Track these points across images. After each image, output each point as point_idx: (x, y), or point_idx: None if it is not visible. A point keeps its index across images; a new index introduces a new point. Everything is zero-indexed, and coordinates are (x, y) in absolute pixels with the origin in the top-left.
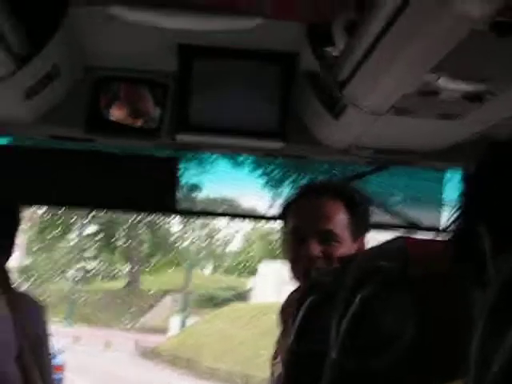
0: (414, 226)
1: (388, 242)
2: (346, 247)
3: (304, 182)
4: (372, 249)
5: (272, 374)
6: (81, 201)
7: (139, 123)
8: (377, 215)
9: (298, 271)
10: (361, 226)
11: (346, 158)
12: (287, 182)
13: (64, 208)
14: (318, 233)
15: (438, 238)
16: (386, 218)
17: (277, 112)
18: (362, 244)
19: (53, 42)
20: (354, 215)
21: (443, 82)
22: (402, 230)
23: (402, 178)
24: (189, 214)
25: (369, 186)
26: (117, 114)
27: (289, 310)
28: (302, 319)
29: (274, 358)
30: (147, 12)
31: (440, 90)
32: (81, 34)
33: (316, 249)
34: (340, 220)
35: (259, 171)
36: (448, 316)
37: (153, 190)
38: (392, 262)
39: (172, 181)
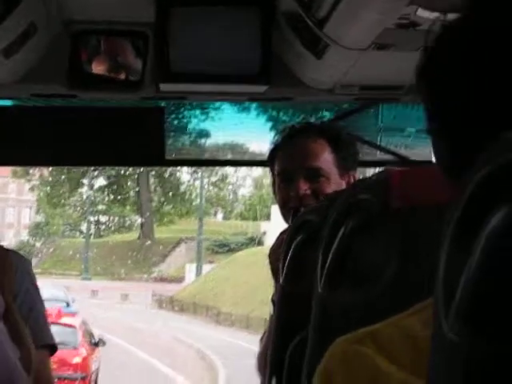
0: (407, 161)
1: (372, 176)
2: (334, 184)
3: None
4: (355, 183)
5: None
6: (68, 158)
7: (122, 76)
8: (368, 153)
9: (288, 212)
10: (348, 163)
11: (331, 98)
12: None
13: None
14: (305, 170)
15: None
16: (377, 156)
17: (258, 55)
18: (352, 181)
19: (26, 0)
20: (339, 152)
21: (422, 13)
22: (394, 166)
23: (416, 111)
24: (179, 163)
25: (380, 119)
26: (99, 67)
27: (278, 251)
28: (291, 259)
29: (273, 300)
30: None
31: (420, 22)
32: None
33: (304, 186)
34: (326, 157)
35: (265, 116)
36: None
37: (140, 141)
38: (374, 195)
39: (159, 131)
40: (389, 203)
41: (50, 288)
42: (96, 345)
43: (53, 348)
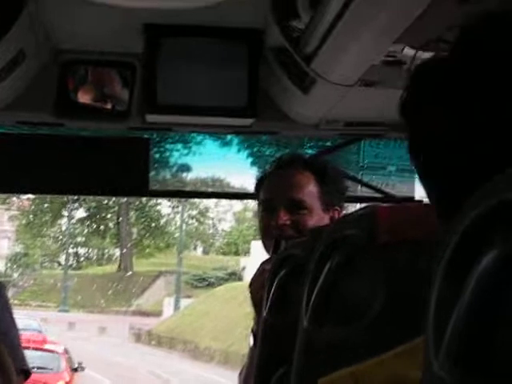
0: (391, 198)
1: (358, 211)
2: (317, 217)
3: None
4: (341, 218)
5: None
6: (53, 187)
7: (108, 106)
8: (353, 189)
9: (268, 242)
10: (333, 197)
11: (317, 133)
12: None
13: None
14: (287, 201)
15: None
16: (362, 192)
17: (245, 89)
18: (338, 215)
19: (17, 27)
20: (324, 186)
21: (408, 52)
22: (379, 202)
23: (397, 150)
24: (162, 195)
25: (362, 156)
26: (85, 97)
27: (258, 282)
28: (275, 292)
29: (253, 331)
30: None
31: (406, 60)
32: (46, 17)
33: (285, 216)
34: (310, 190)
35: (247, 150)
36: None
37: (125, 172)
38: (360, 230)
39: (144, 162)
40: (375, 238)
41: (23, 318)
42: (75, 370)
43: (26, 373)
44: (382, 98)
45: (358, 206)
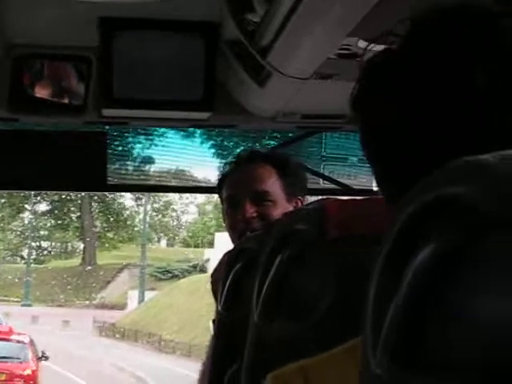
0: (348, 190)
1: (307, 205)
2: (281, 208)
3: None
4: (291, 212)
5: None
6: (10, 182)
7: (65, 100)
8: (311, 181)
9: (235, 236)
10: (295, 188)
11: (274, 125)
12: (237, 151)
13: None
14: (252, 194)
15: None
16: (320, 184)
17: (202, 82)
18: (300, 205)
19: None
20: (286, 177)
21: (363, 45)
22: (336, 194)
23: (358, 141)
24: (122, 189)
25: (323, 148)
26: (41, 91)
27: (220, 272)
28: (230, 286)
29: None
30: None
31: (360, 52)
32: (0, 12)
33: (251, 209)
34: (272, 182)
35: (210, 142)
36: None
37: (83, 166)
38: (310, 225)
39: (102, 156)
40: (325, 233)
41: None
42: (40, 359)
43: None
44: (339, 91)
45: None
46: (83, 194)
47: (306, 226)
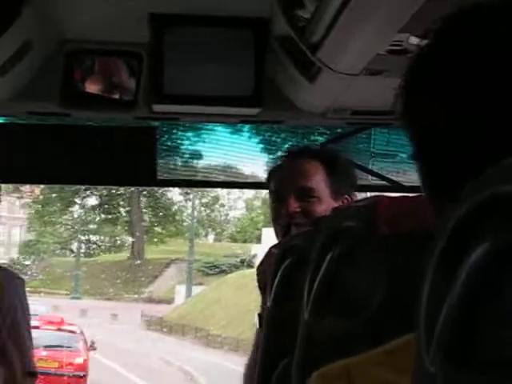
0: (398, 187)
1: (358, 202)
2: (326, 205)
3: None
4: (340, 209)
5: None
6: (60, 177)
7: (115, 95)
8: (360, 178)
9: (279, 230)
10: (342, 186)
11: (323, 122)
12: (285, 147)
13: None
14: (297, 190)
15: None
16: (370, 180)
17: (252, 78)
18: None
19: (22, 18)
20: (334, 175)
21: (414, 41)
22: (385, 190)
23: (407, 137)
24: (170, 184)
25: (372, 144)
26: (92, 87)
27: (263, 266)
28: (279, 283)
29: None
30: None
31: (411, 49)
32: (52, 7)
33: (294, 204)
34: (318, 178)
35: (258, 137)
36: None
37: (133, 161)
38: (360, 222)
39: (152, 151)
40: (375, 230)
41: (32, 304)
42: (89, 349)
43: (34, 375)
44: (389, 87)
45: (369, 194)
46: (132, 188)
47: (356, 222)
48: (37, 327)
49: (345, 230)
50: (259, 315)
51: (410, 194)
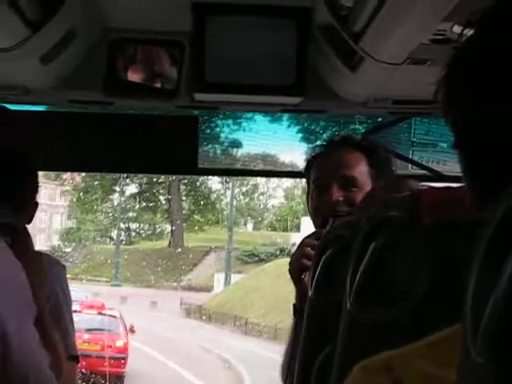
0: (438, 176)
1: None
2: None
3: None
4: (385, 199)
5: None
6: (102, 165)
7: (157, 84)
8: (401, 167)
9: (318, 219)
10: (383, 176)
11: (365, 111)
12: (325, 136)
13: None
14: (340, 179)
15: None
16: (410, 170)
17: (293, 67)
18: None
19: (66, 6)
20: (374, 165)
21: (458, 30)
22: (425, 180)
23: (448, 127)
24: (211, 173)
25: (413, 133)
26: (135, 75)
27: (296, 256)
28: (321, 272)
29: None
30: None
31: (455, 38)
32: None
33: (338, 193)
34: (361, 169)
35: (297, 126)
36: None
37: (174, 150)
38: (403, 212)
39: (193, 140)
40: (420, 220)
41: (72, 291)
42: (129, 332)
43: (75, 359)
44: (432, 76)
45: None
46: (173, 177)
47: (400, 212)
48: (79, 311)
49: (388, 219)
50: (294, 305)
51: (451, 184)
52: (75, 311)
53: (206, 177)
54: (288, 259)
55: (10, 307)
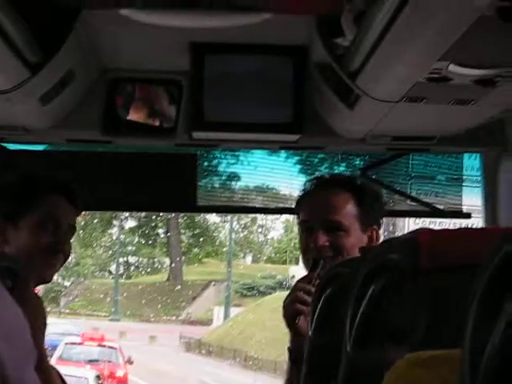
0: (436, 211)
1: (402, 235)
2: (355, 237)
3: (340, 167)
4: (385, 241)
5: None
6: (102, 203)
7: (156, 122)
8: (399, 202)
9: (307, 261)
10: (371, 217)
11: (363, 147)
12: (323, 168)
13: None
14: (325, 223)
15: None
16: (409, 205)
17: (291, 105)
18: (375, 234)
19: (65, 47)
20: (362, 206)
21: (453, 69)
22: (424, 215)
23: (447, 159)
24: (211, 210)
25: (410, 166)
26: (133, 114)
27: (289, 300)
28: (321, 311)
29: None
30: (158, 12)
31: (451, 77)
32: (94, 37)
33: (322, 238)
34: (348, 211)
35: (295, 158)
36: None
37: (173, 188)
38: (404, 255)
39: (192, 177)
40: (419, 264)
41: (63, 324)
42: (126, 363)
43: None
44: (429, 113)
45: (407, 220)
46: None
47: (400, 256)
48: (80, 343)
49: (388, 262)
50: (289, 350)
51: (448, 220)
52: (77, 343)
53: None
54: (287, 292)
55: (11, 353)
